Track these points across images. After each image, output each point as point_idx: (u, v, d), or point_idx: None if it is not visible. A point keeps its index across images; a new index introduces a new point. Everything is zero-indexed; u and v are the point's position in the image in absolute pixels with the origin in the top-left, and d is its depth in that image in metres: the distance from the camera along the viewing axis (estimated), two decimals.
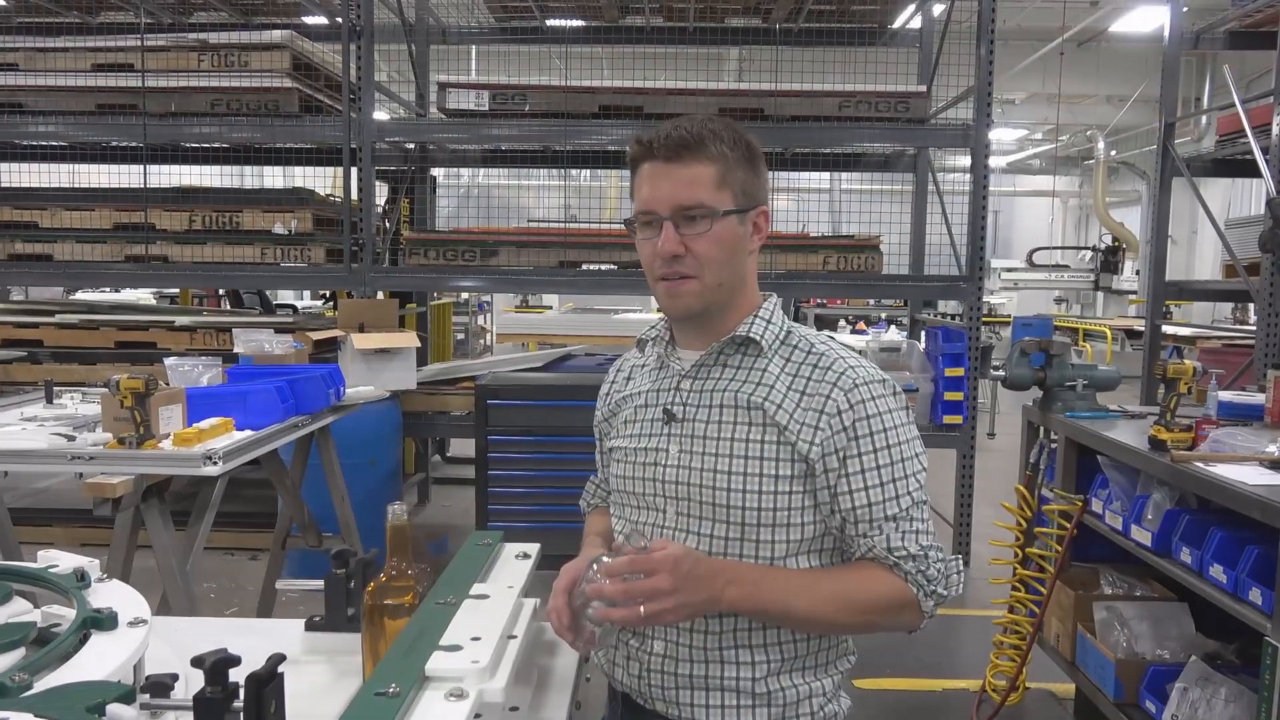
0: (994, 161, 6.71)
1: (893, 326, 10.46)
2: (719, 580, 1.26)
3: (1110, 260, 15.04)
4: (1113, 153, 16.36)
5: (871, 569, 1.35)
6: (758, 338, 1.41)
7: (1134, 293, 14.46)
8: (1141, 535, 2.84)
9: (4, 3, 6.38)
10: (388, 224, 6.03)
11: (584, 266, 5.51)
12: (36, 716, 0.87)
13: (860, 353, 1.46)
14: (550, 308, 13.74)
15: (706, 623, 1.37)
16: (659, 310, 1.50)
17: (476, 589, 1.36)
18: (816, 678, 1.40)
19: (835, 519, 1.36)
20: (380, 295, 5.31)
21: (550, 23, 6.27)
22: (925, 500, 1.38)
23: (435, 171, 6.75)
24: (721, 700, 1.37)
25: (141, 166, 5.34)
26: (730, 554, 1.37)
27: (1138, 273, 14.51)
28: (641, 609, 1.20)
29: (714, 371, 1.43)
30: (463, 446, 6.92)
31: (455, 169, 7.44)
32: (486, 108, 5.31)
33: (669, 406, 1.44)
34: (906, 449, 1.37)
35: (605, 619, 1.22)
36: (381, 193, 6.17)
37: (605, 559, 1.24)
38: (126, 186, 5.53)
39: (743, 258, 1.41)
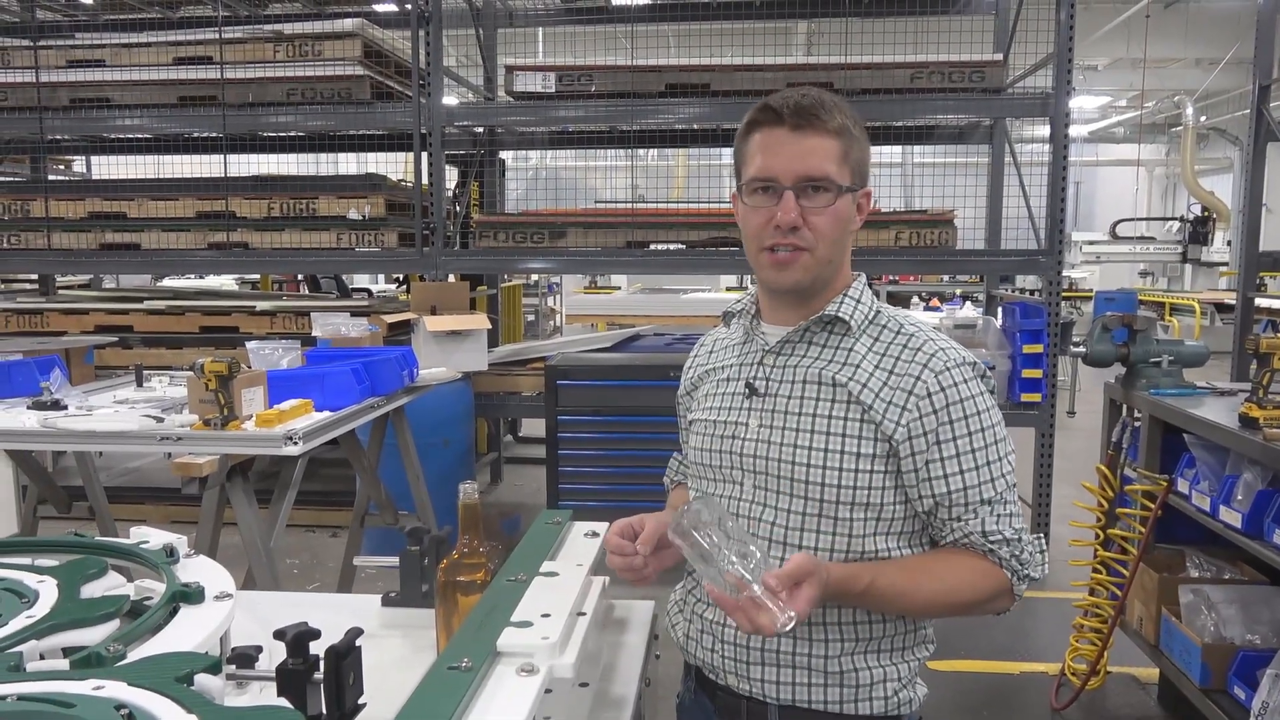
0: (1075, 130, 6.49)
1: (968, 303, 10.23)
2: (827, 594, 1.22)
3: (1199, 231, 14.43)
4: (1202, 119, 15.68)
5: (967, 558, 1.34)
6: (846, 317, 1.39)
7: (1225, 264, 13.88)
8: (1231, 516, 2.74)
9: (90, 1, 6.62)
10: (458, 207, 6.11)
11: (652, 246, 5.50)
12: (130, 685, 0.91)
13: (935, 329, 1.43)
14: (619, 288, 13.76)
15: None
16: (728, 290, 1.49)
17: (546, 567, 1.37)
18: (892, 661, 1.38)
19: (924, 503, 1.34)
20: (451, 278, 5.39)
21: (616, 2, 6.25)
22: (1015, 484, 1.37)
23: (504, 154, 6.81)
24: (793, 677, 1.37)
25: (222, 156, 5.50)
26: (808, 530, 1.35)
27: (1229, 243, 13.93)
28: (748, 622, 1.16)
29: (799, 349, 1.41)
30: (534, 426, 7.00)
31: (523, 151, 7.49)
32: (553, 89, 5.33)
33: (751, 380, 1.42)
34: (999, 431, 1.35)
35: (732, 611, 1.17)
36: (451, 177, 6.25)
37: (762, 559, 1.18)
38: (208, 176, 5.70)
39: (848, 237, 1.41)
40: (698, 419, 1.49)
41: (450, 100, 5.75)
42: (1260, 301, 5.46)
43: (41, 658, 1.05)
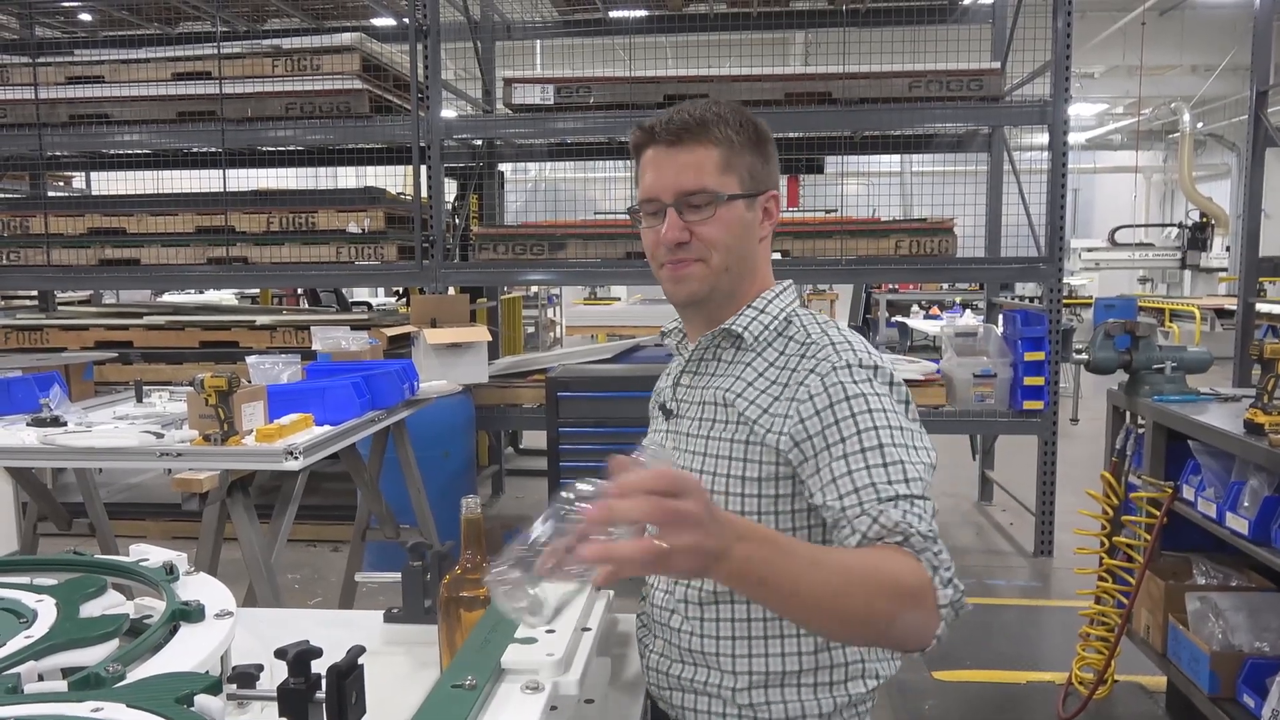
0: (1072, 138, 6.52)
1: (968, 311, 10.23)
2: (730, 530, 0.95)
3: (1198, 237, 14.49)
4: (1199, 125, 15.74)
5: (884, 547, 1.11)
6: (740, 330, 1.34)
7: (1224, 270, 13.91)
8: (1237, 523, 2.72)
9: (89, 18, 6.63)
10: (457, 220, 6.11)
11: None
12: (129, 707, 0.90)
13: (934, 338, 1.41)
14: (618, 299, 13.80)
15: (692, 625, 1.33)
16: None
17: None
18: (815, 696, 1.30)
19: (829, 513, 1.19)
20: (451, 290, 5.39)
21: (613, 14, 6.27)
22: (929, 496, 1.17)
23: (503, 167, 6.81)
24: (708, 705, 1.34)
25: (221, 171, 5.50)
26: None
27: (1228, 249, 13.95)
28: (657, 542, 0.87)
29: (709, 366, 1.38)
30: (535, 438, 6.98)
31: (522, 163, 7.50)
32: (552, 101, 5.33)
33: (666, 402, 1.43)
34: (904, 435, 1.20)
35: (605, 557, 0.86)
36: (451, 189, 6.25)
37: (588, 486, 0.90)
38: (207, 191, 5.71)
39: (751, 244, 1.35)
40: (644, 443, 1.49)
41: (449, 113, 5.76)
42: (1261, 307, 5.47)
43: (40, 679, 1.04)
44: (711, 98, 1.40)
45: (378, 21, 6.63)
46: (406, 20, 5.30)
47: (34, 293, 7.19)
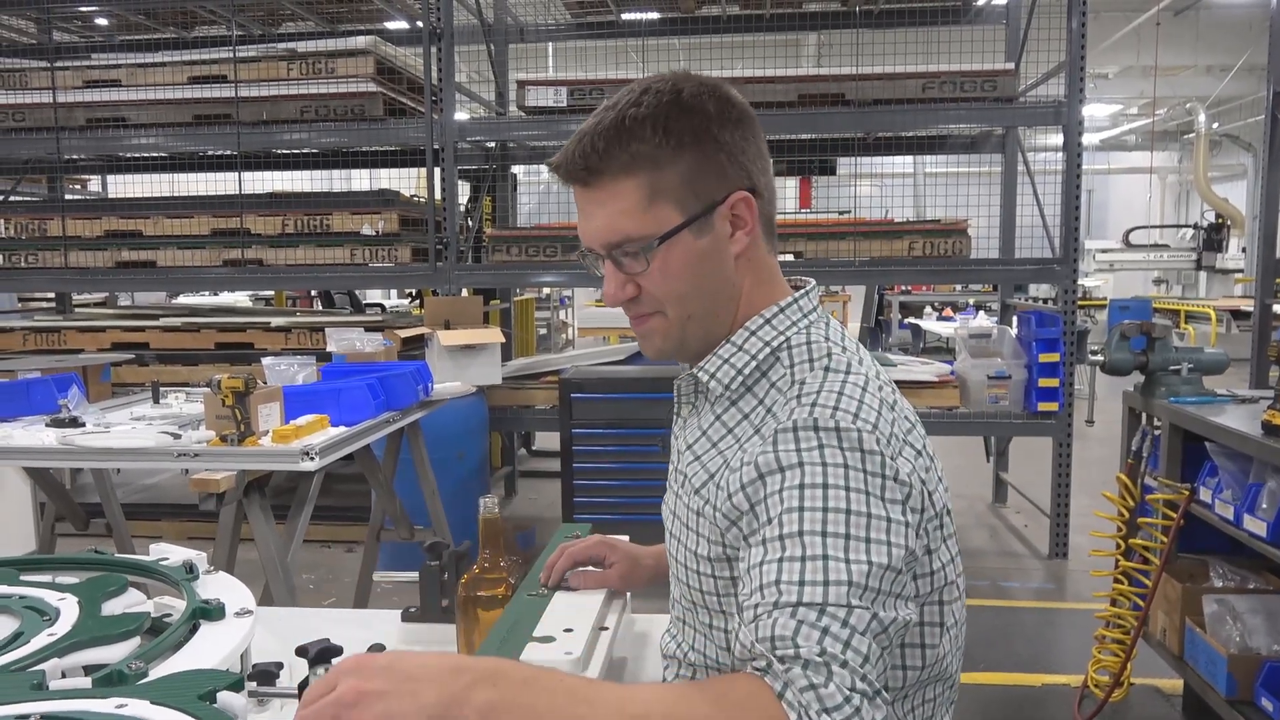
0: (1087, 139, 6.49)
1: (981, 312, 10.19)
2: (463, 675, 0.83)
3: (1213, 238, 14.40)
4: (1215, 125, 15.64)
5: (735, 675, 0.89)
6: (706, 379, 1.11)
7: (1240, 271, 13.82)
8: (1255, 525, 2.70)
9: (106, 23, 6.69)
10: (470, 222, 6.13)
11: None
12: (153, 703, 0.91)
13: (948, 339, 1.36)
14: None
15: None
16: None
17: None
18: None
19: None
20: (465, 292, 5.41)
21: (626, 16, 6.28)
22: (868, 610, 0.87)
23: (516, 169, 6.83)
24: None
25: (236, 174, 5.54)
26: (688, 625, 1.15)
27: (1244, 250, 13.87)
28: None
29: (700, 402, 1.17)
30: (548, 440, 7.00)
31: (535, 165, 7.52)
32: (564, 103, 5.34)
33: (666, 436, 1.26)
34: (840, 521, 0.90)
35: None
36: (464, 191, 6.27)
37: None
38: (222, 194, 5.74)
39: (719, 273, 1.09)
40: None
41: (462, 116, 5.77)
42: (1278, 308, 5.40)
43: (63, 676, 1.05)
44: (632, 85, 1.08)
45: (391, 25, 6.66)
46: (420, 24, 5.32)
47: (51, 295, 7.25)
